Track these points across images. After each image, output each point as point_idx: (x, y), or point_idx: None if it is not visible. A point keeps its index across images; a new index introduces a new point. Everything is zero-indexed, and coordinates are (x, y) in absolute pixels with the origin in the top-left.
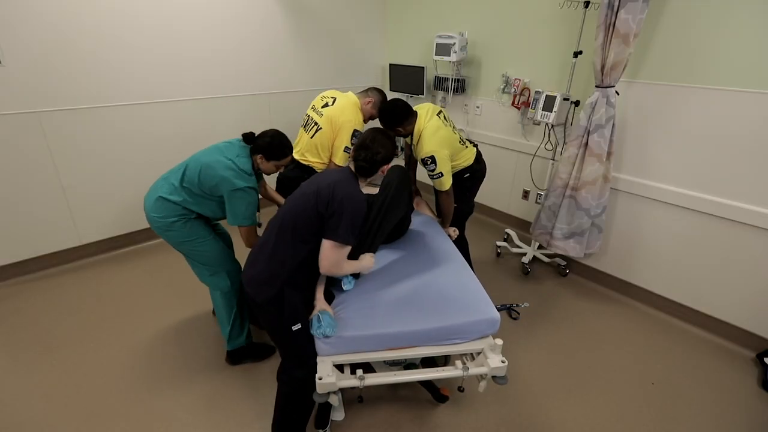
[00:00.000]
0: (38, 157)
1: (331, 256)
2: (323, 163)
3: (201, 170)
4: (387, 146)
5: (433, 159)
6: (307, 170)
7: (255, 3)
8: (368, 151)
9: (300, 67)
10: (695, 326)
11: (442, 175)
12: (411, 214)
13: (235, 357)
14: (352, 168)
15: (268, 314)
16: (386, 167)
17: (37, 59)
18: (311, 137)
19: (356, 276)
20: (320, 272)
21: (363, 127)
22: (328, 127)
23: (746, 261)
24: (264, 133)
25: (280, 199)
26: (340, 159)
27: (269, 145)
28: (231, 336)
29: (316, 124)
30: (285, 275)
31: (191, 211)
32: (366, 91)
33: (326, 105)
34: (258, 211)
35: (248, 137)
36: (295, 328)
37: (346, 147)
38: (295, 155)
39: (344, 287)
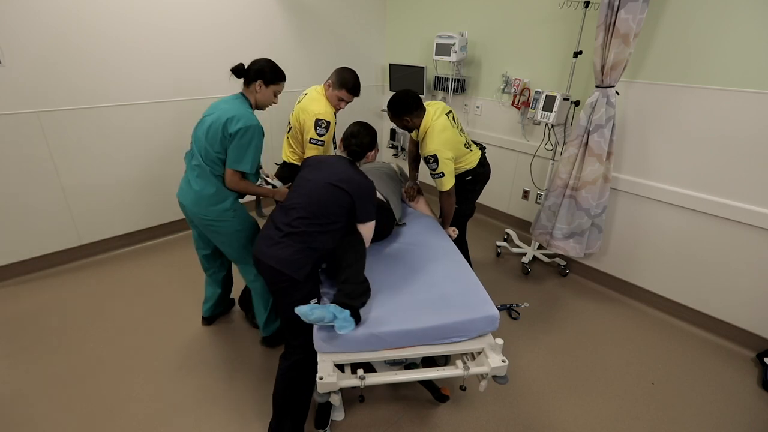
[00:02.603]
0: (38, 157)
1: (371, 229)
2: (300, 159)
3: (207, 132)
4: (371, 134)
5: (435, 158)
6: (294, 168)
7: (255, 3)
8: (357, 138)
9: (300, 67)
10: (695, 326)
11: (443, 175)
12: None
13: (272, 341)
14: (345, 154)
15: (300, 291)
16: (371, 154)
17: (37, 59)
18: (287, 138)
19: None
20: (366, 243)
21: (329, 115)
22: (295, 123)
23: (746, 261)
24: (254, 62)
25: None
26: (309, 150)
27: (264, 69)
28: (268, 322)
29: (288, 123)
30: (318, 254)
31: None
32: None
33: (299, 102)
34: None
35: (238, 69)
36: (313, 301)
37: (311, 138)
38: (284, 157)
39: (342, 332)
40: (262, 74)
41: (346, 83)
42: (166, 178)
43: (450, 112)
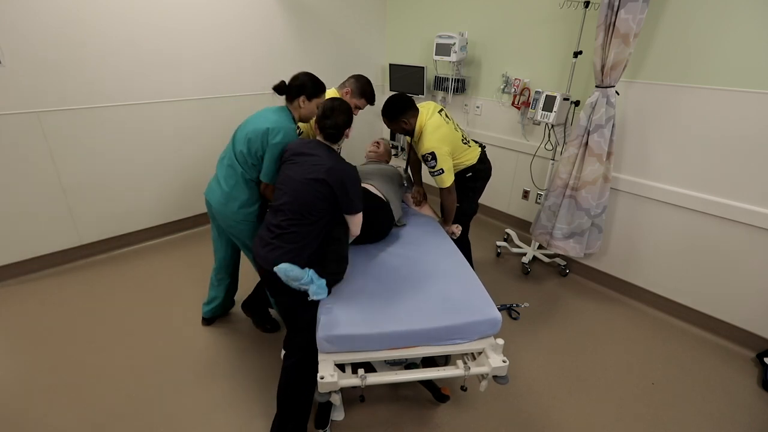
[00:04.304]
0: (38, 157)
1: (359, 222)
2: None
3: (249, 139)
4: (345, 111)
5: (433, 155)
6: None
7: (255, 3)
8: (331, 119)
9: (300, 67)
10: (695, 326)
11: (443, 171)
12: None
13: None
14: (321, 138)
15: (292, 292)
16: (349, 131)
17: (37, 59)
18: None
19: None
20: (355, 235)
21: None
22: (308, 130)
23: (746, 261)
24: (294, 77)
25: None
26: None
27: (305, 84)
28: None
29: (297, 127)
30: (309, 251)
31: (259, 193)
32: (343, 82)
33: None
34: None
35: (280, 87)
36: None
37: None
38: None
39: (315, 297)
40: (304, 89)
41: (366, 93)
42: (166, 177)
43: (442, 110)
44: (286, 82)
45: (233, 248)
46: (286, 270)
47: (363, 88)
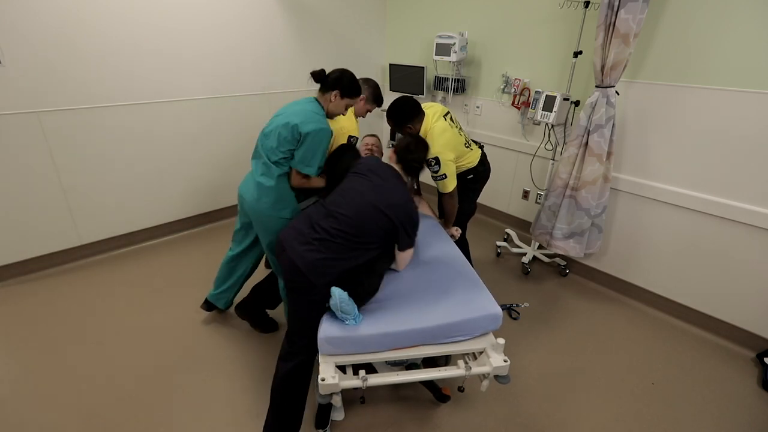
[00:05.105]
0: (38, 157)
1: (408, 259)
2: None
3: (279, 133)
4: (426, 148)
5: (437, 161)
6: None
7: (255, 3)
8: (415, 153)
9: (300, 67)
10: (695, 326)
11: (446, 177)
12: None
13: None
14: (398, 168)
15: (318, 293)
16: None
17: (37, 59)
18: None
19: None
20: (399, 270)
21: (357, 130)
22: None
23: (746, 261)
24: (334, 70)
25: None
26: None
27: (342, 79)
28: None
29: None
30: (343, 267)
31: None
32: None
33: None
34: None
35: (318, 74)
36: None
37: None
38: None
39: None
40: (338, 85)
41: (378, 98)
42: (166, 177)
43: (448, 113)
44: (326, 72)
45: (252, 245)
46: (342, 300)
47: (375, 92)
